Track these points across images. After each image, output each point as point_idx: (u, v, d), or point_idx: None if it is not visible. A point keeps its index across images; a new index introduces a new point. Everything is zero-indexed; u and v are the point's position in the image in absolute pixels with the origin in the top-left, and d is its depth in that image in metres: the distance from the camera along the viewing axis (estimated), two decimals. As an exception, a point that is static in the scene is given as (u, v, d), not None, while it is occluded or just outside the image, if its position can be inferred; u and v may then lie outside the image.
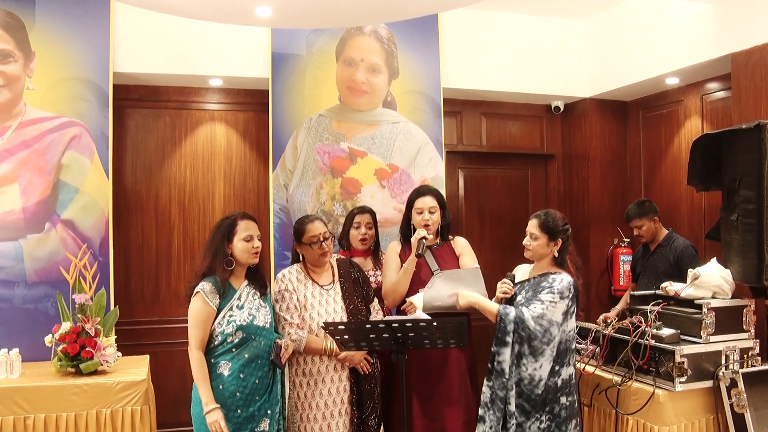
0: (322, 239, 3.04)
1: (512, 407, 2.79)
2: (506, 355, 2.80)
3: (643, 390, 3.10)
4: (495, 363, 2.84)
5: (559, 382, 2.84)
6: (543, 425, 2.81)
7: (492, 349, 2.87)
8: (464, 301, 2.95)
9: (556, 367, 2.85)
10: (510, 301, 2.93)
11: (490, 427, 2.80)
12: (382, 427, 3.15)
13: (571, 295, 2.87)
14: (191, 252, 4.57)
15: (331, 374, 2.99)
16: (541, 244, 2.94)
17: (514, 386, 2.80)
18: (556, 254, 2.95)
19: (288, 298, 3.01)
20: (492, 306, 2.89)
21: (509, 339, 2.80)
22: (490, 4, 4.74)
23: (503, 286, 2.94)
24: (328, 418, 2.96)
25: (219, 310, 2.77)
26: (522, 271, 3.10)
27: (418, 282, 3.27)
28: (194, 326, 2.74)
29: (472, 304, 2.94)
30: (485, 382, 2.89)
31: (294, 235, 3.15)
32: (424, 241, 3.23)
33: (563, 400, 2.84)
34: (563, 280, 2.88)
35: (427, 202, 3.33)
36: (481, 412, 2.88)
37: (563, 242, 2.95)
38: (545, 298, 2.83)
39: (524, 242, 3.00)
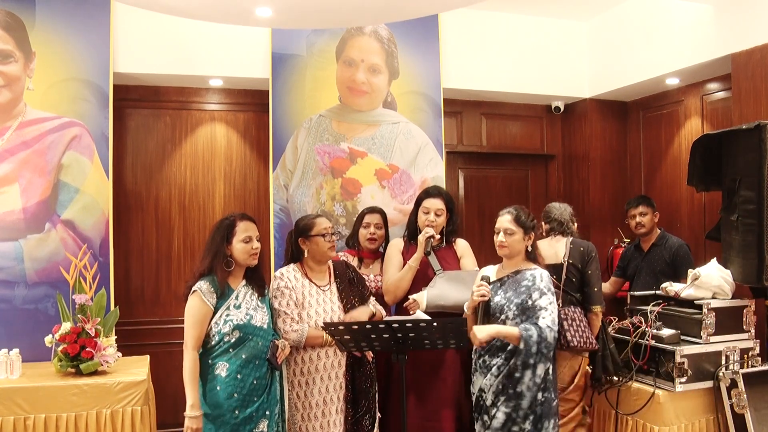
0: (330, 232, 3.08)
1: (529, 427, 2.73)
2: (527, 377, 2.71)
3: (644, 390, 3.10)
4: (516, 387, 2.72)
5: (537, 380, 2.76)
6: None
7: (515, 374, 2.73)
8: (483, 334, 2.73)
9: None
10: (487, 303, 2.85)
11: None
12: (377, 428, 3.13)
13: (552, 288, 2.84)
14: (191, 252, 4.57)
15: (328, 371, 2.99)
16: (517, 239, 2.87)
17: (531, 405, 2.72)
18: (529, 249, 2.91)
19: (288, 295, 3.00)
20: (512, 331, 2.74)
21: (533, 360, 2.70)
22: (490, 4, 4.74)
23: (480, 289, 2.83)
24: (327, 415, 2.96)
25: (216, 310, 2.76)
26: (489, 272, 2.99)
27: (420, 281, 3.27)
28: (191, 325, 2.73)
29: (492, 336, 2.77)
30: (502, 408, 2.74)
31: (300, 232, 3.11)
32: (431, 240, 3.23)
33: (539, 396, 2.76)
34: (543, 275, 2.84)
35: (436, 203, 3.33)
36: None
37: (535, 236, 2.93)
38: (544, 303, 2.76)
39: (499, 239, 2.90)
